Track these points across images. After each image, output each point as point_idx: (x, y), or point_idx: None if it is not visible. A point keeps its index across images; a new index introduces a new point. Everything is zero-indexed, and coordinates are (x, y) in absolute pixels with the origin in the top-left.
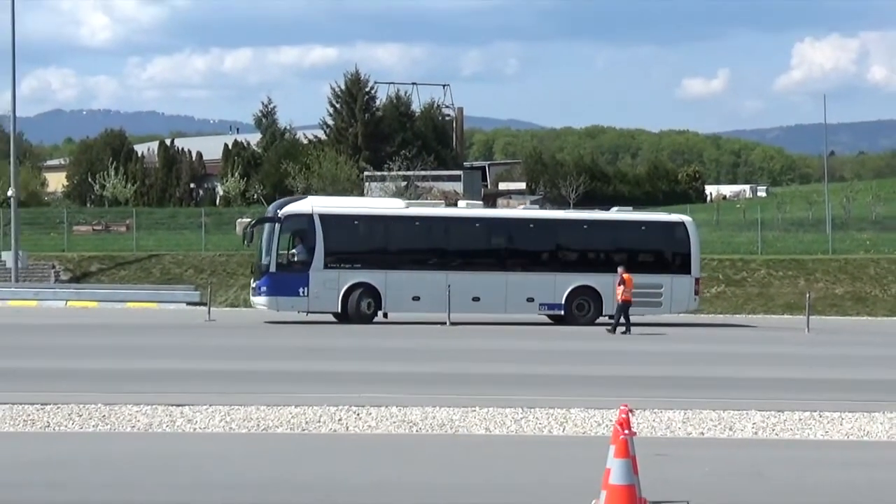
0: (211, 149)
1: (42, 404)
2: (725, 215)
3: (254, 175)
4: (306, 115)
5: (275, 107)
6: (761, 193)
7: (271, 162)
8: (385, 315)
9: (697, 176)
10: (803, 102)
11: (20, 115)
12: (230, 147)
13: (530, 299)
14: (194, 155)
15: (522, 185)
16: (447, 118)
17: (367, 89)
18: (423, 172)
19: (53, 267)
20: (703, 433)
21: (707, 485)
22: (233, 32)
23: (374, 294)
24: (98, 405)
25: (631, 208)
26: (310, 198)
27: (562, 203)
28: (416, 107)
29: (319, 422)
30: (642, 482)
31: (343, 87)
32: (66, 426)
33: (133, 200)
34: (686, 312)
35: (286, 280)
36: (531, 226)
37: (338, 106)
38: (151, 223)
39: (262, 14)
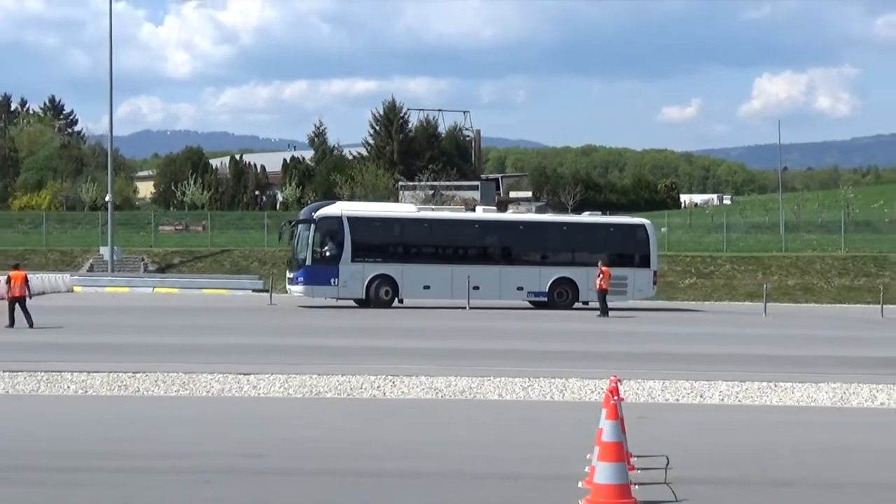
0: (272, 163)
1: (133, 372)
2: (696, 219)
3: (307, 184)
4: (351, 135)
5: (325, 128)
6: (726, 201)
7: (322, 174)
8: (401, 301)
9: (674, 187)
10: (762, 126)
11: (116, 134)
12: (288, 161)
13: (520, 288)
14: (259, 168)
15: (529, 194)
16: (467, 138)
17: (402, 114)
18: (447, 183)
19: (143, 260)
20: (678, 400)
21: (682, 442)
22: (291, 67)
23: (392, 283)
24: (179, 373)
25: (600, 213)
26: (339, 202)
27: (561, 208)
28: (442, 129)
29: (361, 388)
30: (628, 439)
31: (381, 112)
32: (152, 391)
33: (208, 205)
34: (645, 299)
35: (320, 272)
36: (521, 227)
37: (377, 128)
38: (223, 224)
39: (314, 52)
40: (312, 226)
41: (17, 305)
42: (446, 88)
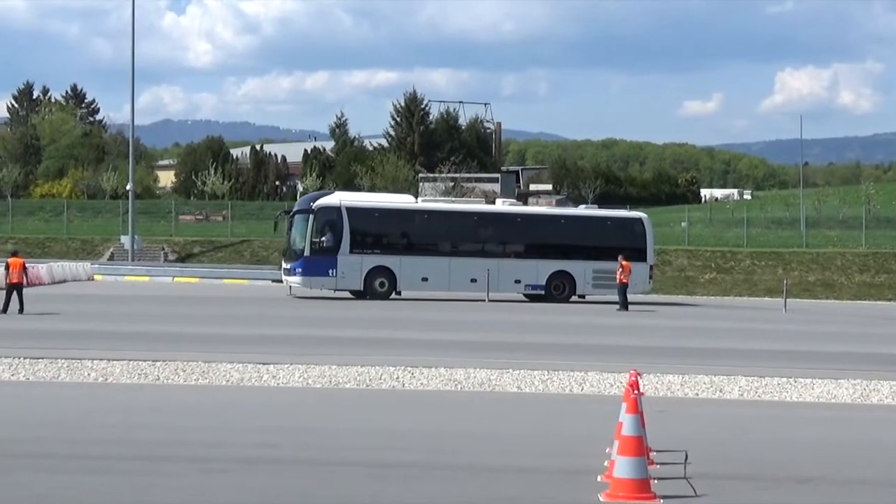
0: (293, 153)
1: (153, 361)
2: (717, 214)
3: (328, 175)
4: (372, 127)
5: (346, 119)
6: (747, 196)
7: (343, 165)
8: (399, 293)
9: (694, 181)
10: (783, 121)
11: (137, 123)
12: (309, 152)
13: (517, 281)
14: (279, 158)
15: (549, 187)
16: (488, 131)
17: (423, 106)
18: (467, 175)
19: (163, 249)
20: (697, 394)
21: (701, 437)
22: (312, 58)
23: (391, 275)
24: (199, 362)
25: (597, 206)
26: (337, 193)
27: (582, 202)
28: (463, 121)
29: (381, 379)
30: (647, 434)
31: (403, 104)
32: (172, 379)
33: (228, 195)
34: (642, 293)
35: (318, 262)
36: (518, 220)
37: (398, 119)
38: (243, 214)
39: (336, 43)
40: (311, 216)
41: (14, 292)
42: (467, 80)
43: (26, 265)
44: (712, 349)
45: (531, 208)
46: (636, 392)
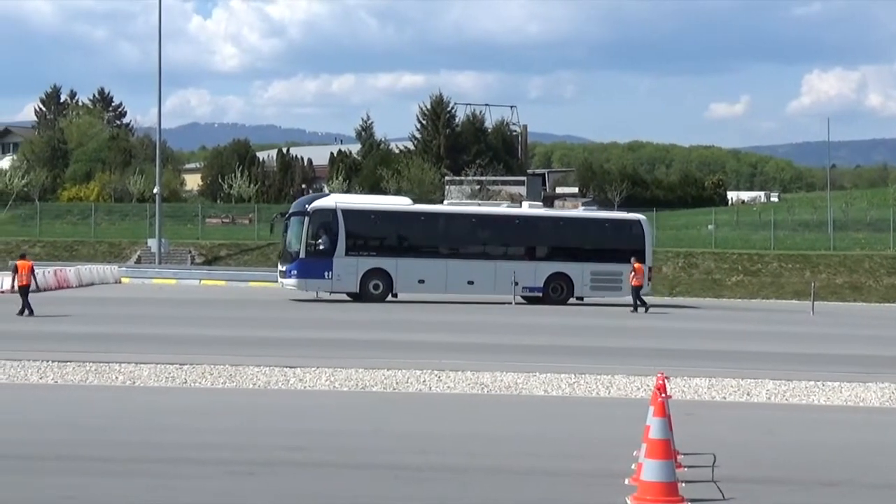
0: (319, 156)
1: (180, 364)
2: (744, 217)
3: (354, 178)
4: (398, 130)
5: (372, 122)
6: (774, 199)
7: (369, 168)
8: (395, 295)
9: (721, 184)
10: (810, 123)
11: (164, 127)
12: (335, 155)
13: (515, 283)
14: (306, 161)
15: (575, 190)
16: (514, 133)
17: (449, 109)
18: (493, 178)
19: (190, 252)
20: (724, 398)
21: (728, 440)
22: (338, 61)
23: (387, 277)
24: (226, 366)
25: (596, 207)
26: (333, 195)
27: (608, 204)
28: (489, 124)
29: (407, 382)
30: (675, 437)
31: (429, 106)
32: (199, 382)
33: (255, 198)
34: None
35: (313, 265)
36: (516, 222)
37: (424, 122)
38: (270, 217)
39: (362, 47)
40: (306, 218)
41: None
42: (493, 83)
43: (34, 268)
44: (739, 352)
45: (528, 210)
46: (663, 395)
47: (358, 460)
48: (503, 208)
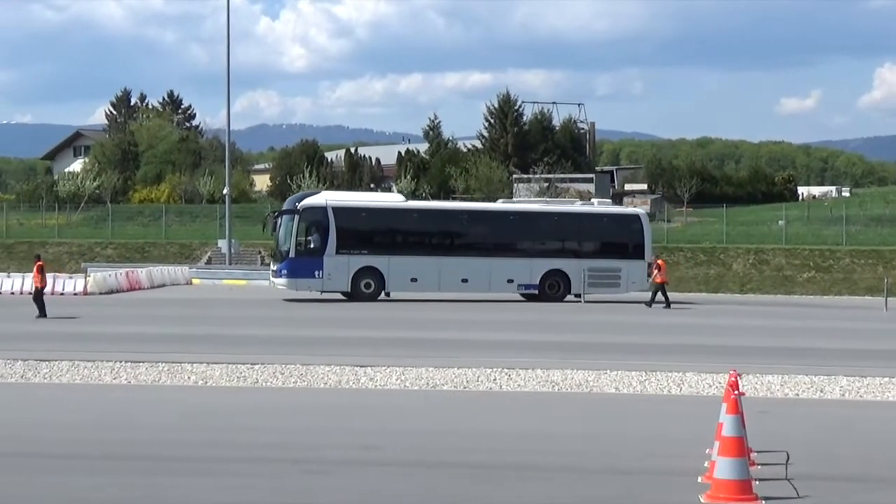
0: (387, 156)
1: (252, 364)
2: (815, 212)
3: (422, 177)
4: (466, 128)
5: (440, 121)
6: (845, 194)
7: (437, 166)
8: (388, 294)
9: (791, 179)
10: (882, 117)
11: (233, 128)
12: (403, 154)
13: (510, 280)
14: (373, 161)
15: (644, 187)
16: (582, 131)
17: (516, 107)
18: (561, 175)
19: (260, 253)
20: (797, 395)
21: (802, 438)
22: (405, 61)
23: (379, 276)
24: (297, 365)
25: (594, 202)
26: (323, 192)
27: (677, 201)
28: (556, 122)
29: (478, 381)
30: (748, 434)
31: (496, 105)
32: (271, 382)
33: None
34: (639, 291)
35: (304, 264)
36: (511, 217)
37: (492, 120)
38: None
39: (430, 46)
40: (296, 216)
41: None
42: (561, 81)
43: (43, 269)
44: (812, 349)
45: (524, 205)
46: (736, 392)
47: (434, 459)
48: (497, 204)
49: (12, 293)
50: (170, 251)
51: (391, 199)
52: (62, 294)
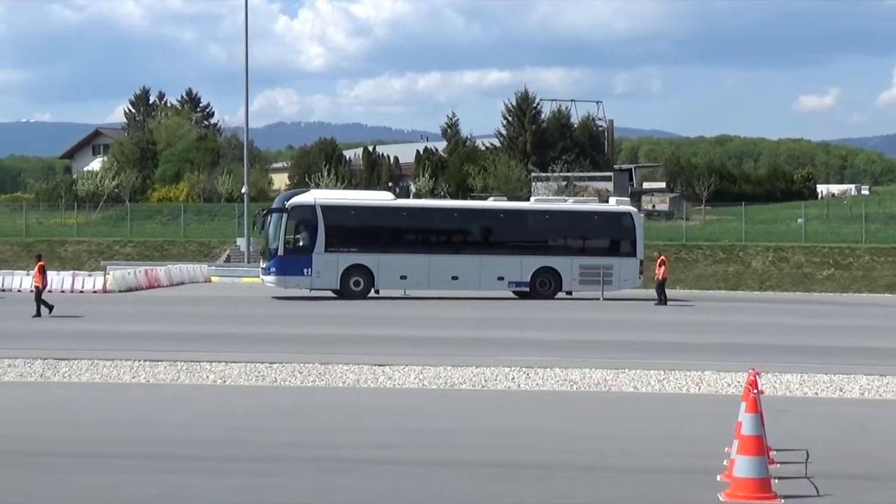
0: (405, 154)
1: (270, 363)
2: (834, 210)
3: (440, 175)
4: (484, 126)
5: (458, 119)
6: (864, 192)
7: (455, 165)
8: (377, 291)
9: (810, 177)
10: None
11: (251, 126)
12: (421, 153)
13: (501, 278)
14: (392, 159)
15: (663, 185)
16: (600, 129)
17: (534, 105)
18: (580, 174)
19: None
20: (816, 394)
21: (822, 436)
22: (424, 59)
23: (368, 274)
24: (315, 364)
25: (587, 199)
26: (312, 190)
27: (695, 199)
28: (575, 119)
29: (496, 380)
30: (767, 433)
31: (514, 103)
32: (289, 381)
33: None
34: (631, 289)
35: (292, 262)
36: (501, 215)
37: (510, 119)
38: None
39: (448, 44)
40: (285, 214)
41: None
42: (579, 79)
43: (44, 269)
44: (831, 347)
45: (514, 203)
46: (755, 391)
47: (450, 458)
48: (488, 202)
49: (31, 291)
50: (189, 249)
51: (380, 197)
52: (81, 292)
